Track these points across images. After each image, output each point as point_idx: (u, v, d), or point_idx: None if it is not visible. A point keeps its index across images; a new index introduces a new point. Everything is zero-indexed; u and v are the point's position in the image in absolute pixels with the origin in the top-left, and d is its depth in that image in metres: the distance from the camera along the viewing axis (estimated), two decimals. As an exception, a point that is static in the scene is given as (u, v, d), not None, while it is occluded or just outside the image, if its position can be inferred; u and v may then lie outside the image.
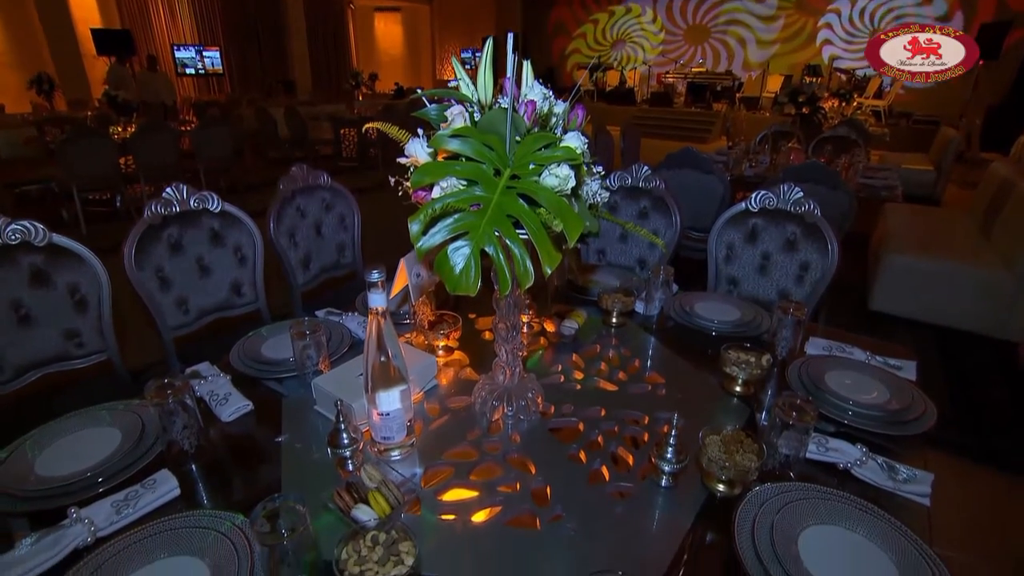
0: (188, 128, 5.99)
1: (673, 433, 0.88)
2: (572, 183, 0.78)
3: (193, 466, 0.98)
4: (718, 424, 0.95)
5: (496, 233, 0.75)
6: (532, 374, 1.09)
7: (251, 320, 1.84)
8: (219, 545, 0.78)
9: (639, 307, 1.49)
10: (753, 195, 1.87)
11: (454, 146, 0.78)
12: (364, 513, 0.76)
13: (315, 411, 1.10)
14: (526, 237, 0.76)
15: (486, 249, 0.74)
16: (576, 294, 1.60)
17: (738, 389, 1.16)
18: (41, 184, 4.77)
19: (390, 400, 0.91)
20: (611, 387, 1.18)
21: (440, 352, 1.28)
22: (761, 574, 0.74)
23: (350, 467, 0.91)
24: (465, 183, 0.79)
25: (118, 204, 5.11)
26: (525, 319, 1.32)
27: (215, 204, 1.75)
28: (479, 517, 0.85)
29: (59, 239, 1.44)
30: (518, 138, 0.82)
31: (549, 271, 0.74)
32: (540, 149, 0.79)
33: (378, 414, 0.92)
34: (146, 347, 2.00)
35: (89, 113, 6.78)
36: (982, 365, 2.82)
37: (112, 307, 1.54)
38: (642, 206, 2.10)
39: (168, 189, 1.66)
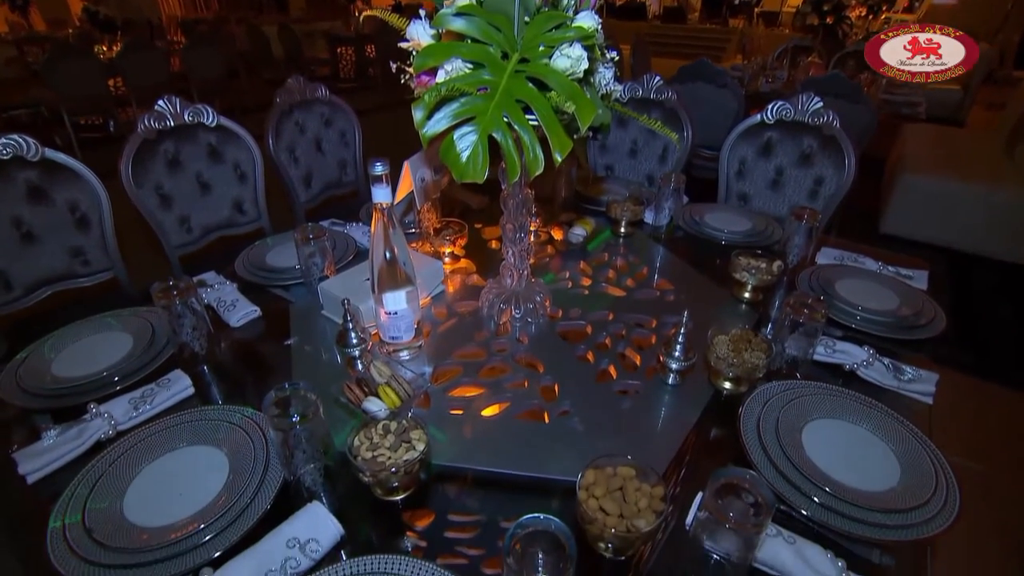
0: (177, 47, 5.72)
1: (682, 331, 0.88)
2: (585, 65, 0.73)
3: (205, 367, 0.99)
4: (727, 326, 0.94)
5: (505, 118, 0.71)
6: (540, 279, 1.08)
7: (255, 238, 1.81)
8: (235, 435, 0.80)
9: (648, 217, 1.46)
10: (769, 106, 1.78)
11: (458, 25, 0.73)
12: (375, 405, 0.78)
13: (323, 316, 1.10)
14: (536, 123, 0.72)
15: (494, 135, 0.71)
16: (584, 204, 1.56)
17: (747, 296, 1.15)
18: (30, 108, 4.62)
19: (397, 300, 0.91)
20: (619, 292, 1.17)
21: (446, 259, 1.26)
22: (765, 464, 0.76)
23: (359, 367, 0.92)
24: (471, 66, 0.74)
25: (111, 128, 4.98)
26: (532, 227, 1.30)
27: (210, 118, 1.69)
28: (488, 412, 0.86)
29: (52, 154, 1.40)
30: (527, 18, 0.76)
31: (559, 158, 0.71)
32: (551, 30, 0.74)
33: (385, 313, 0.92)
34: (152, 265, 1.99)
35: (70, 31, 6.48)
36: (992, 287, 2.80)
37: (115, 227, 1.52)
38: (653, 118, 2.02)
39: (160, 102, 1.60)
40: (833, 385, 0.90)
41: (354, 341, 0.91)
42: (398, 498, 0.73)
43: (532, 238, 1.00)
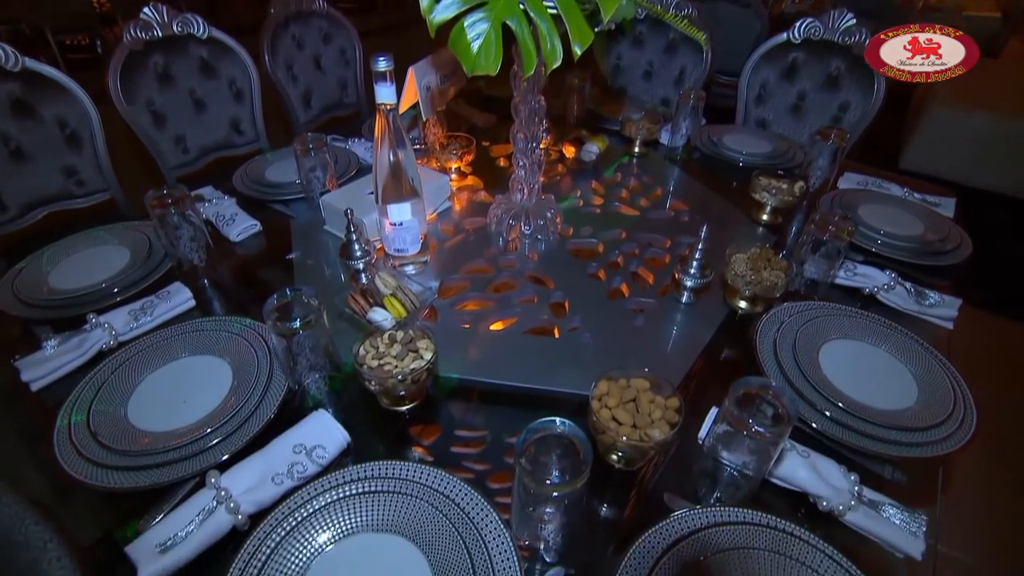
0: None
1: (700, 247, 0.84)
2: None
3: (205, 281, 0.97)
4: (744, 248, 0.90)
5: (520, 4, 0.65)
6: (550, 195, 1.04)
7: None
8: (238, 345, 0.79)
9: (664, 137, 1.39)
10: (797, 23, 1.66)
11: None
12: (380, 315, 0.75)
13: (325, 231, 1.06)
14: (554, 11, 0.66)
15: (508, 23, 0.65)
16: (598, 122, 1.48)
17: (765, 218, 1.11)
18: (9, 25, 4.40)
19: (402, 211, 0.87)
20: (632, 212, 1.13)
21: (453, 176, 1.21)
22: (781, 381, 0.74)
23: (363, 279, 0.89)
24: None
25: (98, 49, 4.76)
26: (543, 144, 1.24)
27: (201, 30, 1.59)
28: (497, 326, 0.84)
29: (34, 64, 1.32)
30: None
31: (579, 51, 0.65)
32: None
33: (390, 224, 0.88)
34: (149, 187, 1.95)
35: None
36: (1013, 225, 2.73)
37: (109, 147, 1.46)
38: (670, 37, 1.89)
39: (146, 9, 1.49)
40: (853, 308, 0.87)
41: (358, 253, 0.88)
42: (405, 408, 0.72)
43: (542, 155, 0.95)
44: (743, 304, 0.87)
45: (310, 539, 0.56)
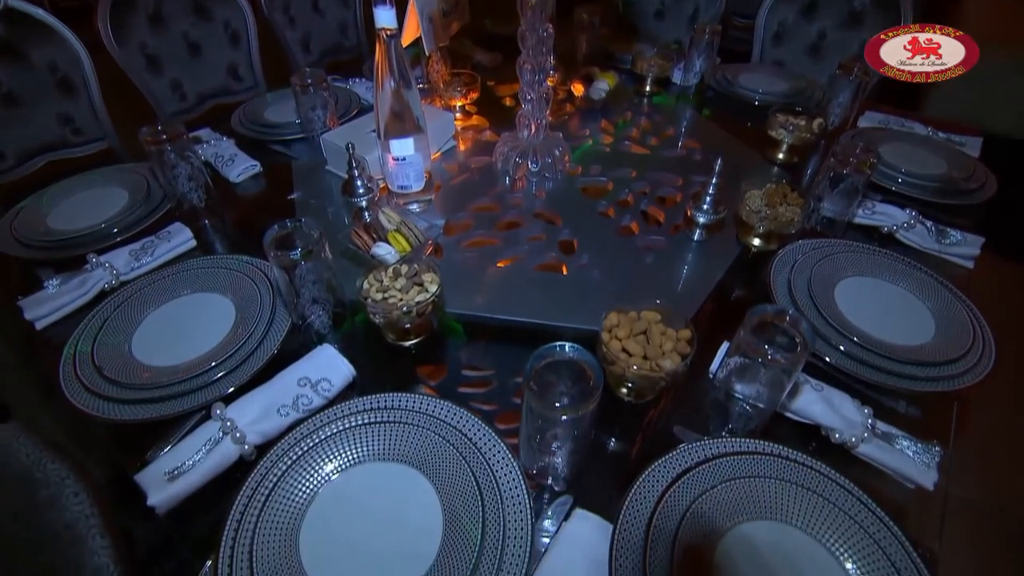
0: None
1: (713, 181, 0.81)
2: None
3: (206, 222, 0.95)
4: (760, 179, 0.87)
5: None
6: (558, 132, 1.00)
7: (253, 105, 1.72)
8: (240, 283, 0.77)
9: (676, 76, 1.33)
10: (819, -45, 1.57)
11: None
12: (384, 250, 0.73)
13: (327, 171, 1.04)
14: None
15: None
16: (608, 60, 1.42)
17: (781, 157, 1.07)
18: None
19: (404, 146, 0.84)
20: (643, 151, 1.09)
21: (457, 115, 1.17)
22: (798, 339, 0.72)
23: (367, 218, 0.87)
24: None
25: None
26: (551, 82, 1.19)
27: (191, -35, 1.52)
28: (504, 263, 0.82)
29: (17, 3, 1.27)
30: None
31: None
32: None
33: (393, 160, 0.85)
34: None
35: None
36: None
37: (106, 95, 1.42)
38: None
39: (134, -54, 1.42)
40: (870, 245, 0.84)
41: (361, 191, 0.85)
42: (410, 343, 0.70)
43: (550, 91, 0.91)
44: (757, 242, 0.85)
45: (317, 468, 0.56)
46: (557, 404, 0.45)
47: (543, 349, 0.50)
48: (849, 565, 0.50)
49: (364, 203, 0.86)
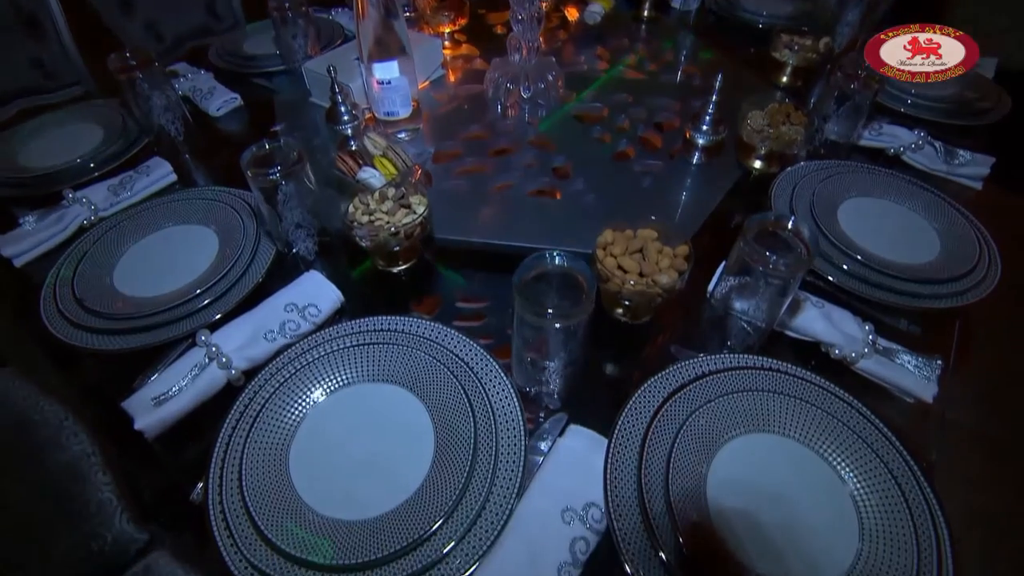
0: None
1: (713, 99, 0.78)
2: None
3: (187, 156, 0.91)
4: (762, 99, 0.83)
5: None
6: (551, 57, 0.95)
7: (234, 44, 1.64)
8: (223, 214, 0.75)
9: (676, 0, 1.27)
10: None
11: None
12: (371, 175, 0.70)
13: (311, 104, 0.99)
14: None
15: None
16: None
17: (785, 80, 1.02)
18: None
19: (389, 68, 0.79)
20: (640, 76, 1.04)
21: (446, 43, 1.11)
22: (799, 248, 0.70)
23: (352, 145, 0.84)
24: None
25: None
26: (544, 6, 1.12)
27: None
28: (496, 189, 0.79)
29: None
30: None
31: None
32: None
33: (377, 83, 0.81)
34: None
35: None
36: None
37: (80, 40, 1.35)
38: None
39: None
40: (875, 166, 0.81)
41: (345, 118, 0.82)
42: (400, 269, 0.68)
43: (543, 10, 0.85)
44: (758, 164, 0.82)
45: (305, 390, 0.54)
46: (550, 311, 0.44)
47: (532, 257, 0.48)
48: (848, 476, 0.49)
49: (349, 131, 0.83)
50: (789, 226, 0.51)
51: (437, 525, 0.44)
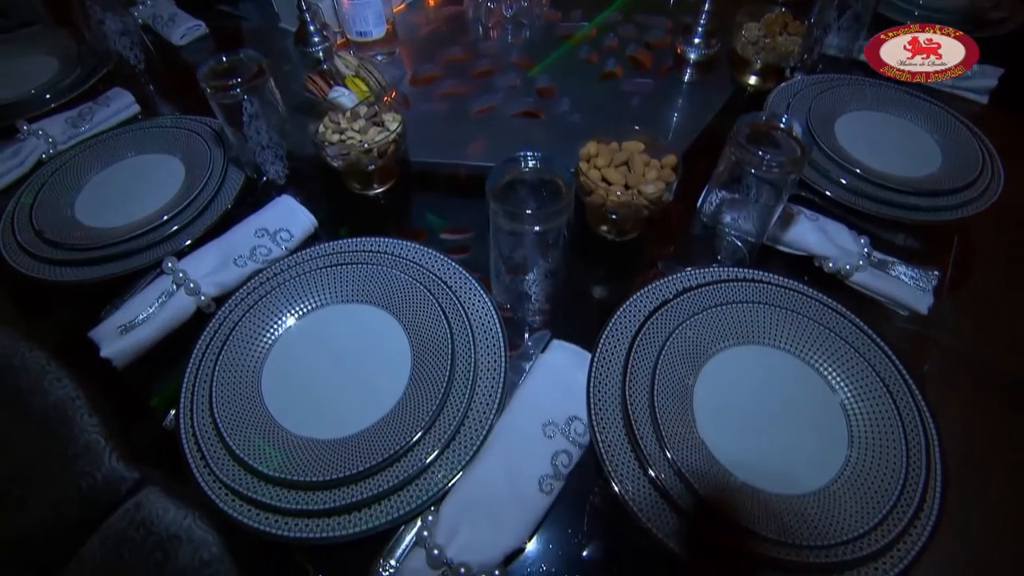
0: None
1: (706, 7, 0.73)
2: None
3: (151, 87, 0.86)
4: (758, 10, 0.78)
5: None
6: (535, -28, 0.89)
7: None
8: (189, 141, 0.70)
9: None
10: None
11: None
12: (342, 94, 0.66)
13: (280, 30, 0.93)
14: None
15: None
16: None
17: (784, -6, 0.96)
18: None
19: (360, -19, 0.74)
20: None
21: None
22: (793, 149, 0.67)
23: (325, 68, 0.79)
24: None
25: None
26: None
27: None
28: (478, 111, 0.75)
29: None
30: None
31: None
32: None
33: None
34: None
35: None
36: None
37: None
38: None
39: None
40: (876, 79, 0.77)
41: (315, 39, 0.76)
42: (376, 192, 0.65)
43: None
44: (752, 80, 0.77)
45: (278, 312, 0.52)
46: (527, 212, 0.41)
47: (505, 160, 0.45)
48: (839, 385, 0.48)
49: (320, 53, 0.78)
50: (782, 124, 0.47)
51: (417, 436, 0.42)
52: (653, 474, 0.40)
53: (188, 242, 0.60)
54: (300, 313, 0.53)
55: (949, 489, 0.42)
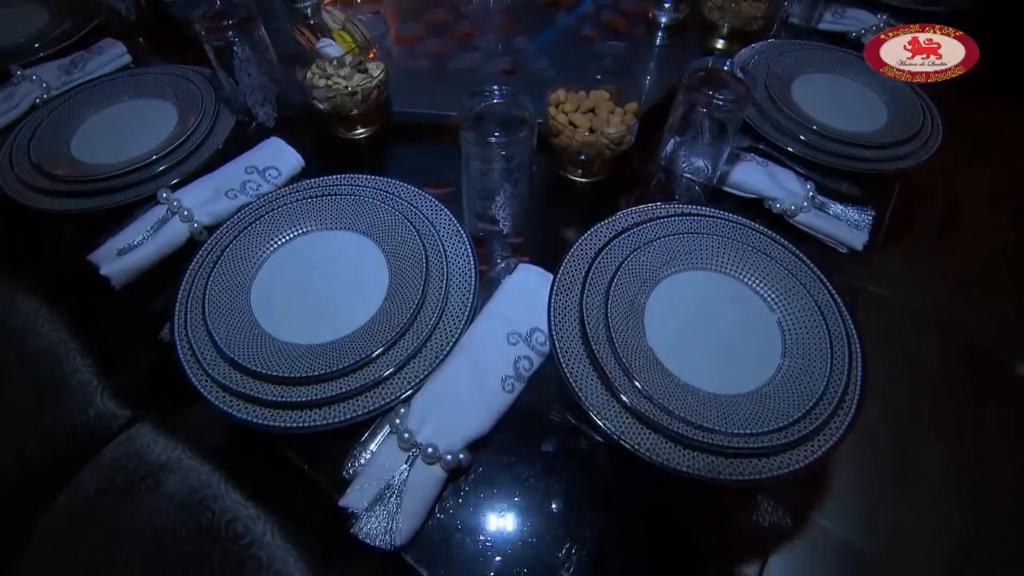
0: None
1: (675, -27, 0.77)
2: None
3: (140, 39, 0.89)
4: None
5: None
6: (516, -63, 0.92)
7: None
8: (181, 87, 0.74)
9: None
10: None
11: None
12: (328, 44, 0.70)
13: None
14: None
15: None
16: None
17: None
18: None
19: (346, -61, 0.77)
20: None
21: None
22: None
23: (312, 22, 0.82)
24: None
25: None
26: None
27: None
28: (457, 65, 0.79)
29: None
30: None
31: None
32: None
33: (333, -46, 0.79)
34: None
35: None
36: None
37: None
38: None
39: None
40: (835, 46, 0.82)
41: (301, -6, 0.80)
42: (360, 135, 0.69)
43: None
44: (720, 44, 0.82)
45: (266, 236, 0.56)
46: (495, 136, 0.45)
47: (476, 93, 0.49)
48: (776, 305, 0.53)
49: (308, 9, 0.81)
50: (726, 68, 0.52)
51: (393, 338, 0.47)
52: (604, 371, 0.45)
53: (181, 178, 0.63)
54: (287, 238, 0.57)
55: (866, 393, 0.48)
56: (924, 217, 0.68)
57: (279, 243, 0.56)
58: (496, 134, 0.45)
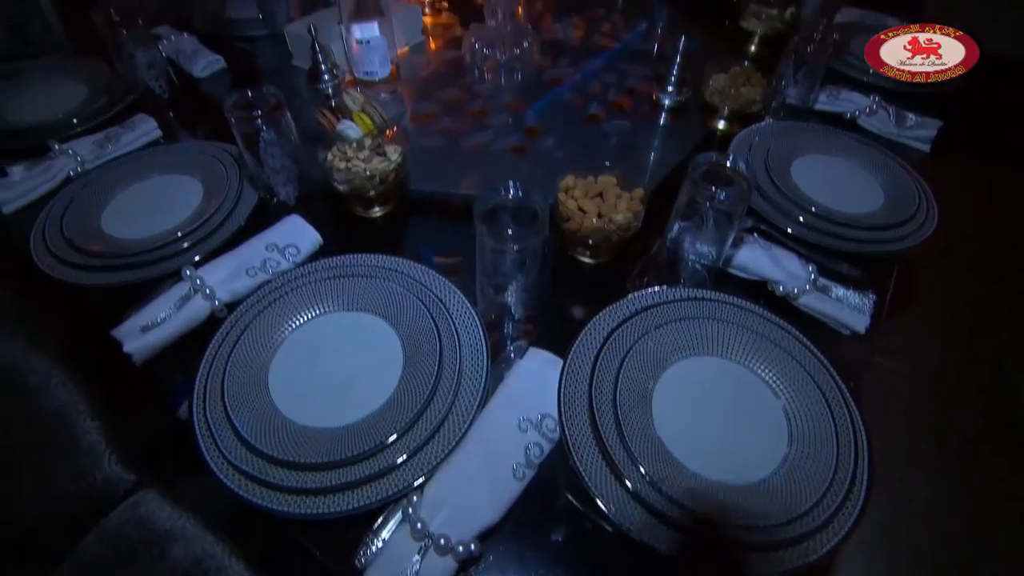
0: None
1: (677, 60, 0.82)
2: None
3: (171, 114, 0.94)
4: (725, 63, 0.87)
5: None
6: (527, 24, 0.98)
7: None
8: (207, 164, 0.77)
9: (652, -27, 1.30)
10: None
11: None
12: (349, 127, 0.74)
13: (293, 67, 1.02)
14: None
15: None
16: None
17: (753, 49, 1.06)
18: None
19: (368, 28, 0.83)
20: (614, 44, 1.08)
21: (427, 11, 1.14)
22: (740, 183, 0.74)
23: (332, 103, 0.87)
24: None
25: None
26: (522, -25, 1.15)
27: None
28: (470, 142, 0.83)
29: None
30: None
31: None
32: None
33: (356, 43, 0.84)
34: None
35: None
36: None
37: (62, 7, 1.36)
38: None
39: None
40: (830, 126, 0.86)
41: (326, 77, 0.85)
42: (377, 215, 0.72)
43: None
44: (721, 124, 0.86)
45: (285, 317, 0.58)
46: (510, 231, 0.48)
47: (490, 189, 0.52)
48: (781, 391, 0.54)
49: (330, 89, 0.86)
50: (728, 164, 0.55)
51: (406, 425, 0.48)
52: (613, 460, 0.46)
53: (203, 255, 0.66)
54: (305, 319, 0.59)
55: (874, 482, 0.48)
56: (924, 298, 0.70)
57: (297, 324, 0.58)
58: (510, 230, 0.48)
